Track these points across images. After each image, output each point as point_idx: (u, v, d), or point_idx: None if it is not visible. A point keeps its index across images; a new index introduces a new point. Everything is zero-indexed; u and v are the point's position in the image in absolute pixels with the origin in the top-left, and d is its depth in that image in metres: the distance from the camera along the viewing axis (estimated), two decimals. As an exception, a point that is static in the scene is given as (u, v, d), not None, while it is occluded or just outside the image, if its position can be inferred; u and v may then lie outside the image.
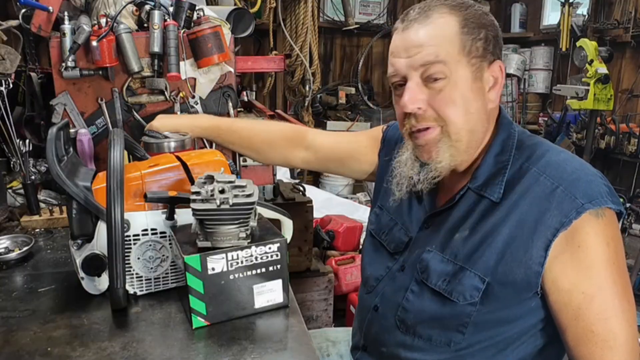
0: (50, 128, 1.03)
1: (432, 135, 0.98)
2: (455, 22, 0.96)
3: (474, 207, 1.00)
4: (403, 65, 0.97)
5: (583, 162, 0.98)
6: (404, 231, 1.13)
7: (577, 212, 0.89)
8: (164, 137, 1.35)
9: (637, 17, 4.19)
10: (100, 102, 1.61)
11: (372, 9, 5.54)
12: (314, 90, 3.79)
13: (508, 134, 1.03)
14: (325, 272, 2.53)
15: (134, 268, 1.01)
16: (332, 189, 4.77)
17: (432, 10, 0.97)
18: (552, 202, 0.91)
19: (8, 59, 1.49)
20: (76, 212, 0.99)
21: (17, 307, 1.00)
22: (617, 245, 0.92)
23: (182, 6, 1.60)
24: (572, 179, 0.92)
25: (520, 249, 0.92)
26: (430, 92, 0.96)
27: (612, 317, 0.90)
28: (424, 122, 0.98)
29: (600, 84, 3.74)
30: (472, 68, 0.96)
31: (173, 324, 0.94)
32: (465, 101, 0.96)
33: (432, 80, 0.95)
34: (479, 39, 0.96)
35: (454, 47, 0.95)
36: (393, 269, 1.12)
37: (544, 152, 0.99)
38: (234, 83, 1.72)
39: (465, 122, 0.97)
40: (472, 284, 0.96)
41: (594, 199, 0.89)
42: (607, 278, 0.90)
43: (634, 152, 3.96)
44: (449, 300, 0.98)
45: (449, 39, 0.95)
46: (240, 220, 0.92)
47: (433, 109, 0.97)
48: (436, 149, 0.99)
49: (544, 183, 0.93)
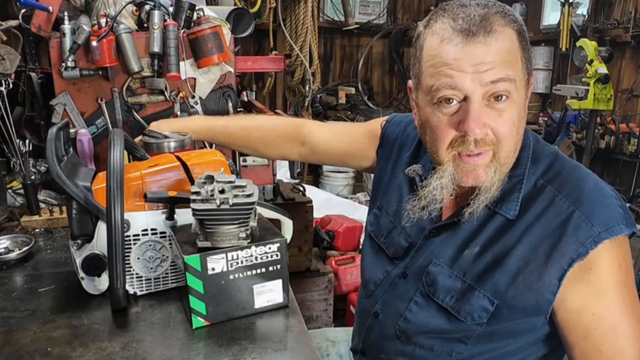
0: (50, 128, 1.03)
1: (484, 160, 0.91)
2: (515, 34, 0.88)
3: (486, 224, 0.96)
4: (468, 81, 0.86)
5: (598, 181, 0.94)
6: (404, 236, 1.09)
7: (594, 242, 0.86)
8: (164, 137, 1.35)
9: (637, 17, 4.19)
10: (100, 102, 1.61)
11: (372, 9, 5.54)
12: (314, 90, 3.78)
13: (523, 145, 0.96)
14: (325, 272, 2.53)
15: (134, 268, 1.01)
16: (332, 189, 4.77)
17: (490, 19, 0.86)
18: (568, 227, 0.88)
19: (8, 59, 1.49)
20: (76, 212, 0.99)
21: (17, 307, 1.00)
22: (628, 267, 0.91)
23: (182, 6, 1.60)
24: (589, 202, 0.89)
25: (533, 274, 0.89)
26: (493, 113, 0.88)
27: (620, 337, 0.88)
28: (484, 147, 0.89)
29: (600, 84, 3.74)
30: (526, 86, 0.91)
31: (173, 324, 0.94)
32: (520, 121, 0.90)
33: (497, 99, 0.87)
34: (529, 52, 0.91)
35: (519, 62, 0.88)
36: (392, 273, 1.09)
37: (560, 167, 0.95)
38: (234, 83, 1.72)
39: (515, 143, 0.91)
40: (481, 305, 0.93)
41: (611, 227, 0.87)
42: (617, 299, 0.89)
43: (634, 152, 3.96)
44: (455, 318, 0.96)
45: (515, 54, 0.88)
46: (240, 220, 0.92)
47: (494, 132, 0.89)
48: (485, 174, 0.91)
49: (560, 206, 0.90)
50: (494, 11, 0.88)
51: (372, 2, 5.52)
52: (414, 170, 1.07)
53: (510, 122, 0.88)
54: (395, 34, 5.44)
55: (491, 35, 0.85)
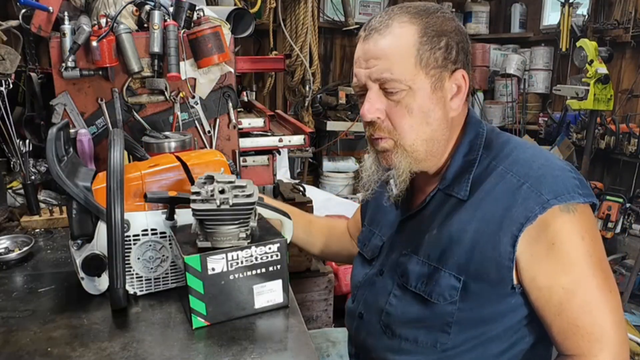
0: (50, 128, 1.03)
1: (387, 145, 1.00)
2: (415, 31, 0.95)
3: (442, 207, 1.02)
4: (362, 75, 0.98)
5: (550, 157, 0.97)
6: (379, 237, 1.15)
7: (543, 207, 0.89)
8: (164, 137, 1.35)
9: (637, 17, 4.18)
10: (100, 102, 1.61)
11: (372, 9, 5.54)
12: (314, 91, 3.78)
13: (476, 134, 1.03)
14: (325, 272, 2.52)
15: (134, 268, 1.01)
16: (332, 189, 4.77)
17: (393, 19, 0.96)
18: (517, 198, 0.91)
19: (8, 59, 1.49)
20: (76, 212, 0.99)
21: (17, 307, 1.00)
22: (593, 237, 0.92)
23: (182, 6, 1.60)
24: (537, 175, 0.92)
25: (488, 245, 0.93)
26: (389, 102, 0.97)
27: (595, 309, 0.90)
28: (379, 132, 1.00)
29: (600, 84, 3.73)
30: (430, 79, 0.96)
31: (173, 324, 0.94)
32: (424, 112, 0.97)
33: (389, 92, 0.96)
34: (438, 49, 0.96)
35: (410, 61, 0.94)
36: (369, 273, 1.14)
37: (512, 149, 0.99)
38: (234, 83, 1.72)
39: (421, 132, 0.98)
40: (448, 284, 0.96)
41: (560, 195, 0.90)
42: (586, 271, 0.90)
43: (634, 152, 3.95)
44: (429, 301, 0.98)
45: (405, 53, 0.94)
46: (240, 221, 0.92)
47: (390, 120, 0.98)
48: (393, 159, 1.00)
49: (510, 181, 0.94)
50: (401, 11, 0.97)
51: (372, 2, 5.52)
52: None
53: (406, 112, 0.96)
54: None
55: (383, 33, 0.96)
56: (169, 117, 1.67)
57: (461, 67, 0.99)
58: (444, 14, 0.99)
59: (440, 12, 0.99)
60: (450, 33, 0.97)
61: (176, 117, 1.66)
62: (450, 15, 1.00)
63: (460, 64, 0.99)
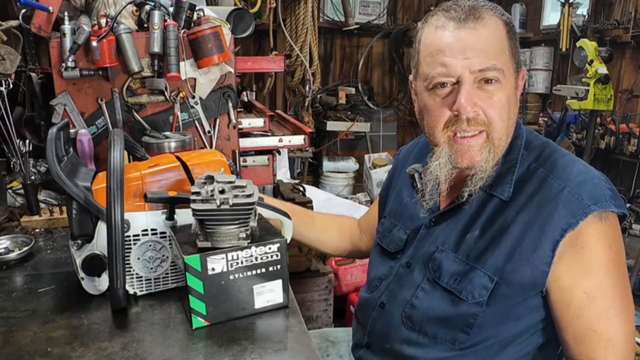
0: (50, 128, 1.03)
1: (479, 141, 0.97)
2: (503, 25, 0.96)
3: (484, 207, 1.01)
4: (459, 67, 0.93)
5: (588, 165, 0.99)
6: (403, 229, 1.15)
7: (584, 212, 0.90)
8: (164, 137, 1.35)
9: (637, 17, 4.19)
10: (100, 102, 1.61)
11: (372, 9, 5.54)
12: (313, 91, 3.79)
13: (517, 135, 1.04)
14: (325, 272, 2.52)
15: (134, 268, 1.01)
16: (332, 189, 4.77)
17: (479, 10, 0.95)
18: (559, 203, 0.92)
19: (8, 59, 1.49)
20: (76, 212, 0.99)
21: (17, 307, 1.00)
22: (619, 248, 0.94)
23: (182, 6, 1.60)
24: (578, 181, 0.93)
25: (528, 248, 0.93)
26: (483, 95, 0.95)
27: (613, 317, 0.91)
28: (476, 126, 0.96)
29: (600, 84, 3.73)
30: (514, 74, 0.98)
31: (173, 324, 0.94)
32: (510, 106, 0.97)
33: (486, 82, 0.94)
34: (518, 45, 0.99)
35: (506, 52, 0.96)
36: (395, 266, 1.13)
37: (551, 152, 1.01)
38: (234, 83, 1.72)
39: (507, 127, 0.98)
40: (481, 283, 0.96)
41: (599, 202, 0.91)
42: (609, 279, 0.92)
43: (634, 153, 3.95)
44: (457, 298, 0.98)
45: (503, 43, 0.95)
46: (240, 221, 0.92)
47: (484, 113, 0.95)
48: (479, 154, 0.97)
49: (551, 184, 0.95)
50: (482, 4, 0.97)
51: (372, 2, 5.52)
52: (414, 168, 1.13)
53: (500, 105, 0.95)
54: (396, 34, 5.44)
55: (480, 22, 0.93)
56: (169, 117, 1.67)
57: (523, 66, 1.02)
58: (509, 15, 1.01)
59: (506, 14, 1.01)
60: (516, 33, 1.00)
61: (176, 117, 1.66)
62: None
63: (521, 62, 1.02)
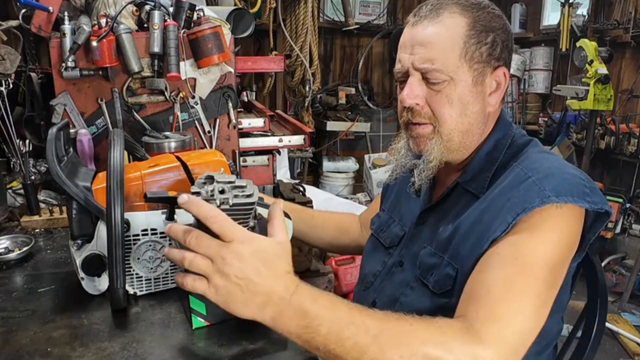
0: (50, 128, 1.03)
1: (425, 131, 1.01)
2: (464, 23, 0.97)
3: (458, 201, 1.02)
4: (406, 61, 0.99)
5: (565, 163, 0.96)
6: (400, 226, 1.16)
7: (542, 201, 0.86)
8: (164, 137, 1.35)
9: (637, 18, 4.19)
10: (100, 102, 1.61)
11: (372, 9, 5.54)
12: (313, 91, 3.79)
13: (504, 134, 1.04)
14: (325, 272, 2.52)
15: (134, 268, 1.01)
16: (332, 189, 4.77)
17: (445, 8, 0.98)
18: (521, 189, 0.90)
19: (8, 59, 1.49)
20: (76, 212, 0.99)
21: (17, 307, 1.00)
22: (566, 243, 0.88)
23: (182, 6, 1.60)
24: (546, 174, 0.90)
25: (482, 231, 0.91)
26: (430, 90, 0.98)
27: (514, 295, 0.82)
28: (418, 118, 1.00)
29: (600, 85, 3.73)
30: (473, 73, 0.98)
31: (173, 324, 0.94)
32: (463, 104, 0.98)
33: (431, 82, 0.98)
34: (484, 44, 0.97)
35: (455, 52, 0.96)
36: (389, 263, 1.13)
37: (529, 148, 1.01)
38: (234, 83, 1.72)
39: (459, 123, 0.99)
40: (446, 273, 0.96)
41: (562, 195, 0.86)
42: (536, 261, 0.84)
43: (633, 153, 3.95)
44: (430, 291, 0.98)
45: (451, 44, 0.96)
46: (240, 221, 0.92)
47: (430, 107, 0.99)
48: (427, 144, 1.01)
49: (518, 174, 0.94)
50: (452, 2, 0.98)
51: (372, 2, 5.52)
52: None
53: (446, 102, 0.97)
54: (395, 34, 5.43)
55: (433, 20, 0.97)
56: (169, 117, 1.67)
57: (503, 64, 1.01)
58: (493, 10, 1.00)
59: (491, 8, 1.00)
60: (497, 30, 0.99)
61: (176, 117, 1.66)
62: (499, 13, 1.01)
63: (502, 61, 1.01)
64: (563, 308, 1.02)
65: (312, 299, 0.76)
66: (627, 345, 2.93)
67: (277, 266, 0.77)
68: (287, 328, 0.75)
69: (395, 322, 0.78)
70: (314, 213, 1.46)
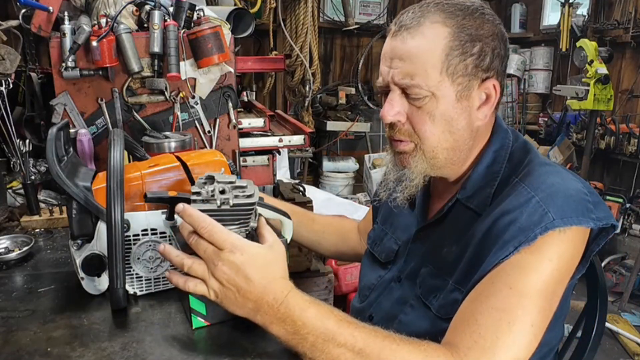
0: (50, 128, 1.03)
1: (406, 148, 0.97)
2: (447, 34, 0.89)
3: (460, 219, 0.97)
4: (387, 75, 0.94)
5: (567, 176, 0.91)
6: (393, 240, 1.13)
7: (545, 227, 0.83)
8: (164, 137, 1.35)
9: (637, 18, 4.19)
10: (100, 102, 1.61)
11: (372, 9, 5.54)
12: (313, 91, 3.78)
13: (501, 145, 0.99)
14: (325, 272, 2.52)
15: (134, 268, 1.01)
16: (332, 189, 4.77)
17: (426, 17, 0.91)
18: (524, 212, 0.85)
19: (8, 59, 1.49)
20: (76, 212, 0.99)
21: (17, 307, 1.00)
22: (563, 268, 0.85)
23: (182, 6, 1.60)
24: (550, 192, 0.86)
25: (485, 256, 0.87)
26: (411, 106, 0.94)
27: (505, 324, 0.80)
28: (399, 135, 0.97)
29: (600, 85, 3.73)
30: (457, 87, 0.91)
31: (173, 324, 0.94)
32: (446, 120, 0.92)
33: (412, 98, 0.93)
34: (470, 55, 0.90)
35: (436, 67, 0.90)
36: (385, 277, 1.12)
37: (529, 161, 0.95)
38: (234, 83, 1.72)
39: (442, 140, 0.94)
40: (454, 298, 0.92)
41: (566, 216, 0.83)
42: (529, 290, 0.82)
43: (633, 153, 3.96)
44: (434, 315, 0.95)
45: (431, 58, 0.89)
46: (240, 221, 0.92)
47: (411, 124, 0.95)
48: (410, 161, 0.97)
49: (520, 192, 0.88)
50: (436, 9, 0.91)
51: (372, 2, 5.52)
52: None
53: (427, 118, 0.93)
54: (395, 34, 5.44)
55: (413, 31, 0.90)
56: (169, 117, 1.67)
57: (493, 75, 0.93)
58: (483, 15, 0.92)
59: (480, 12, 0.92)
60: (486, 38, 0.91)
61: (176, 117, 1.66)
62: (491, 17, 0.93)
63: (492, 72, 0.93)
64: (565, 314, 0.99)
65: (301, 308, 0.80)
66: (627, 345, 2.93)
67: (267, 273, 0.81)
68: (276, 333, 0.81)
69: (381, 340, 0.80)
70: (315, 217, 1.44)
